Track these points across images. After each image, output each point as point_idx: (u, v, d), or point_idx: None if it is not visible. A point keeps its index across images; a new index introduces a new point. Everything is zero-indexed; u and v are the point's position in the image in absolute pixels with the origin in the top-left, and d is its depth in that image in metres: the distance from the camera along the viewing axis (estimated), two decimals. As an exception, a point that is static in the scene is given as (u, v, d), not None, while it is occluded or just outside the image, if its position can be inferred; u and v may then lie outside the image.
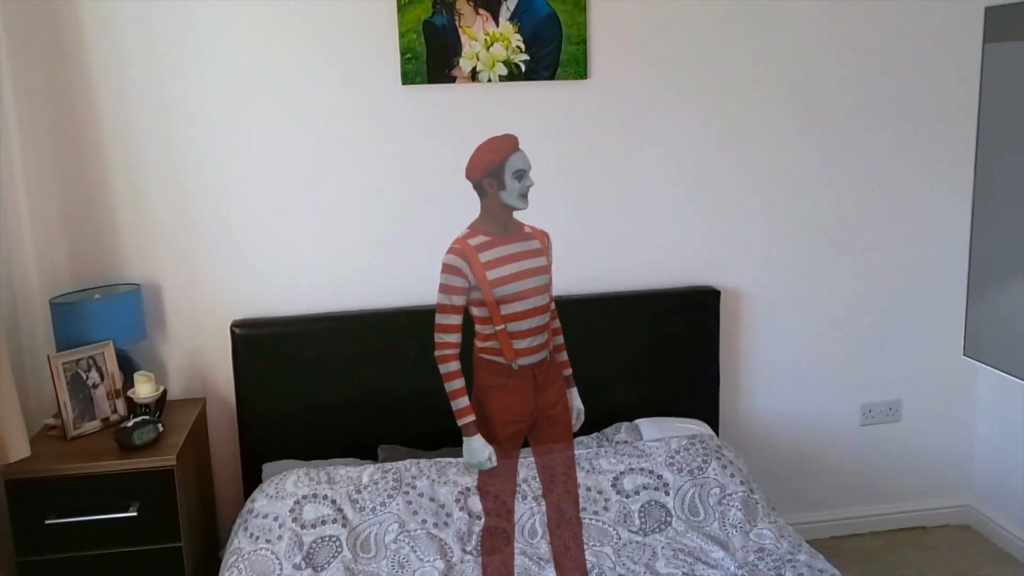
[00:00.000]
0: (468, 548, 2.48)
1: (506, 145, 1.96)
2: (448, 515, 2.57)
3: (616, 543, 2.49)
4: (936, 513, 3.48)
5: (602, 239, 3.09)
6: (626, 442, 2.87)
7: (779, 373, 3.29)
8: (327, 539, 2.49)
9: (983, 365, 3.34)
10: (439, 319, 1.98)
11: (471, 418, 1.98)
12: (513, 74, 2.92)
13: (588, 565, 2.38)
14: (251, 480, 2.90)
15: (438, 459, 2.77)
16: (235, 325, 2.90)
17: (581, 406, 2.19)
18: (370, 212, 2.98)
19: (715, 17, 3.03)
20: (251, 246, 2.92)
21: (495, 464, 2.02)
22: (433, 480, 2.66)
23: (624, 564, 2.39)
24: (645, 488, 2.65)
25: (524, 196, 1.98)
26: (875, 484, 3.43)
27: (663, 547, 2.45)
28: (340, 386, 2.96)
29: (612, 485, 2.65)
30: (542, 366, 2.03)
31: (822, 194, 3.21)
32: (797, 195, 3.19)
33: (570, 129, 3.01)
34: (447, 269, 1.97)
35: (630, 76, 3.01)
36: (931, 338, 3.35)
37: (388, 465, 2.73)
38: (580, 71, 2.96)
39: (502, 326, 1.96)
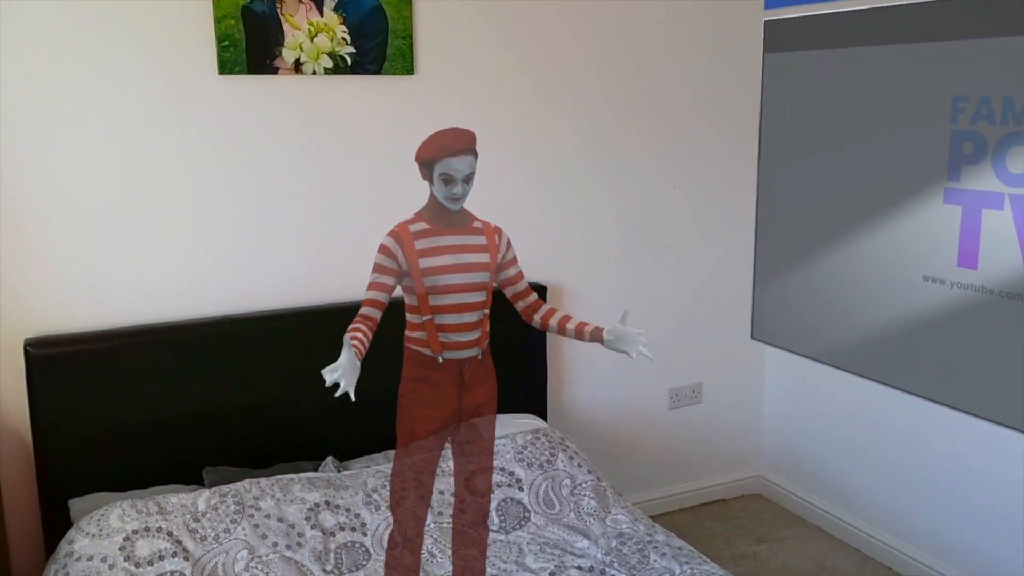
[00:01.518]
0: (328, 567, 2.35)
1: (446, 146, 1.86)
2: (300, 535, 2.41)
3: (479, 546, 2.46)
4: (732, 485, 3.79)
5: (430, 238, 3.04)
6: (469, 442, 2.84)
7: (597, 364, 3.42)
8: (170, 575, 2.25)
9: (768, 346, 3.69)
10: (366, 294, 1.89)
11: (353, 341, 1.76)
12: (339, 67, 2.80)
13: (459, 570, 2.33)
14: (54, 520, 2.56)
15: (278, 476, 2.60)
16: (29, 344, 2.54)
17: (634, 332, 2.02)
18: (183, 213, 2.73)
19: (538, 17, 3.09)
20: (47, 254, 2.58)
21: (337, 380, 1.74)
22: (278, 499, 2.49)
23: (494, 564, 2.37)
24: (499, 486, 2.64)
25: (452, 199, 1.89)
26: (681, 463, 3.67)
27: (528, 543, 2.46)
28: (155, 407, 2.69)
29: (465, 486, 2.62)
30: (471, 363, 1.95)
31: (632, 195, 3.38)
32: (612, 196, 3.34)
33: (397, 126, 2.94)
34: (381, 249, 1.90)
35: (456, 73, 3.00)
36: (725, 324, 3.64)
37: (225, 488, 2.51)
38: (407, 66, 2.89)
39: (429, 316, 1.89)
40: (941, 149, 2.72)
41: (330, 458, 2.80)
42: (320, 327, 2.86)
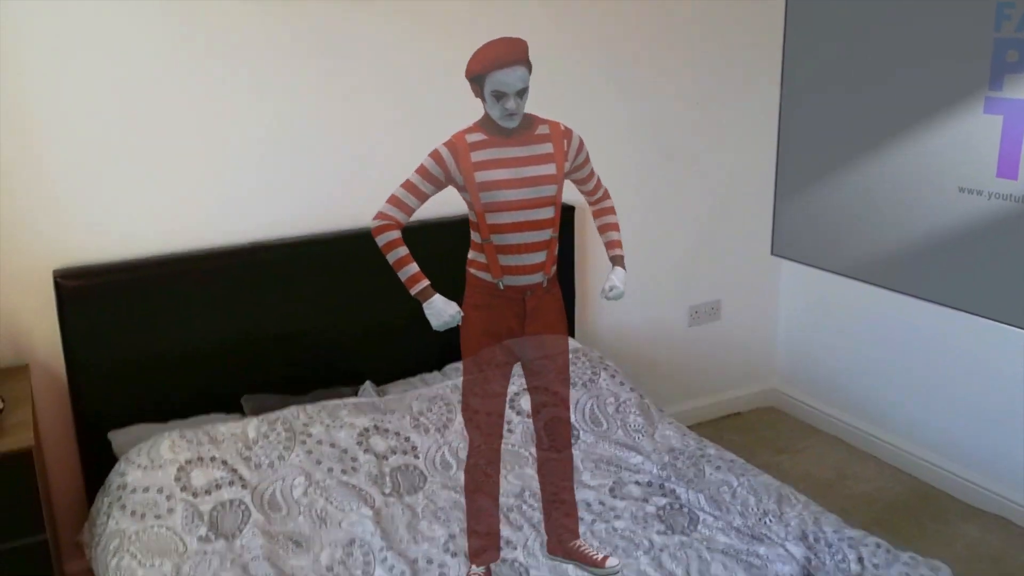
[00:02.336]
0: (387, 491, 2.34)
1: (495, 58, 1.72)
2: (354, 459, 2.40)
3: (536, 464, 2.47)
4: (747, 398, 3.84)
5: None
6: (507, 363, 2.83)
7: (620, 283, 3.41)
8: (229, 504, 2.22)
9: (785, 261, 3.70)
10: (396, 191, 1.79)
11: (424, 283, 1.78)
12: (366, -21, 2.68)
13: (518, 488, 2.35)
14: (92, 452, 2.52)
15: (324, 403, 2.57)
16: (60, 275, 2.45)
17: (617, 284, 1.94)
18: (211, 138, 2.62)
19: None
20: (72, 183, 2.47)
21: (459, 322, 1.80)
22: (328, 425, 2.47)
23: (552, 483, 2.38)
24: (545, 405, 2.64)
25: (507, 116, 1.76)
26: (700, 379, 3.71)
27: (581, 460, 2.47)
28: (189, 336, 2.63)
29: (511, 406, 2.61)
30: (535, 291, 1.84)
31: (652, 109, 3.32)
32: (632, 111, 3.28)
33: (426, 39, 2.83)
34: (433, 155, 1.78)
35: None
36: (744, 240, 3.64)
37: (273, 415, 2.48)
38: (434, -22, 2.78)
39: (488, 238, 1.78)
40: (983, 58, 2.70)
41: (368, 382, 2.77)
42: (353, 252, 2.80)
